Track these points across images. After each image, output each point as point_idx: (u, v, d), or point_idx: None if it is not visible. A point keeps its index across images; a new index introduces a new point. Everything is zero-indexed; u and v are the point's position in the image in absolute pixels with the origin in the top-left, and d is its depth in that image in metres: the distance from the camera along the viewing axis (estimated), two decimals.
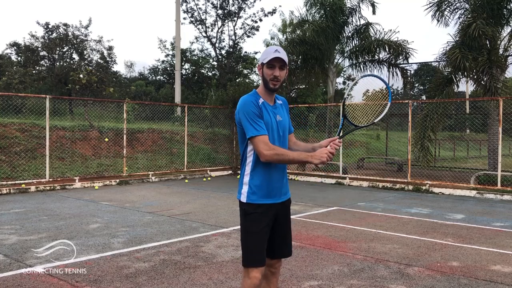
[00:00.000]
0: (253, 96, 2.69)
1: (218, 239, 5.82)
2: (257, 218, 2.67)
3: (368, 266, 4.72)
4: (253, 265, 2.63)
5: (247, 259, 2.66)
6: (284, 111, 2.85)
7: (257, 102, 2.66)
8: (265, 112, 2.66)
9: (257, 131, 2.57)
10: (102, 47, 25.41)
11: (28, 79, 20.04)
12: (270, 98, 2.74)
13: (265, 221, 2.67)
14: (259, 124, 2.59)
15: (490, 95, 11.97)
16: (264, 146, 2.56)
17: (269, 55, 2.62)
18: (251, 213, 2.68)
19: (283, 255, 2.86)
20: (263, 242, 2.67)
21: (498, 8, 12.61)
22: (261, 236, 2.66)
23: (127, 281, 4.19)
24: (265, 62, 2.63)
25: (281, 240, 2.81)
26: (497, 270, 4.65)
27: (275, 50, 2.63)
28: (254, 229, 2.66)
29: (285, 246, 2.84)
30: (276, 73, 2.63)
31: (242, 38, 31.80)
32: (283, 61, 2.62)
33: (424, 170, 13.45)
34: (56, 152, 12.89)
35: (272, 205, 2.70)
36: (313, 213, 8.01)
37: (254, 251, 2.65)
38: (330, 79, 17.04)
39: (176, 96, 25.14)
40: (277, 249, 2.81)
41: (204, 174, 14.81)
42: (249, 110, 2.60)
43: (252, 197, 2.68)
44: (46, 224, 6.66)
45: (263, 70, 2.67)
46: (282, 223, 2.80)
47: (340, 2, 16.10)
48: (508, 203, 9.61)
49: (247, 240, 2.69)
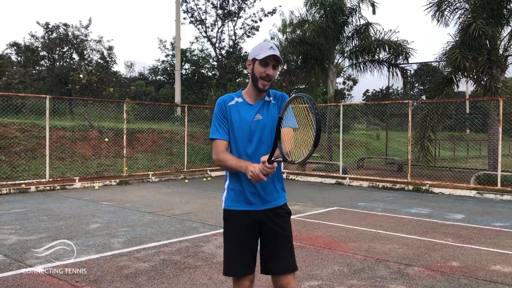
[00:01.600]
0: (229, 96, 2.57)
1: (218, 239, 5.82)
2: (232, 225, 2.53)
3: (368, 266, 4.72)
4: (231, 274, 2.50)
5: (225, 268, 2.52)
6: (273, 108, 2.55)
7: (226, 102, 2.53)
8: (235, 113, 2.51)
9: (213, 133, 2.52)
10: (102, 47, 25.42)
11: (28, 79, 20.04)
12: (254, 96, 2.54)
13: (241, 228, 2.50)
14: (217, 127, 2.51)
15: (490, 95, 11.97)
16: (214, 151, 2.51)
17: (263, 51, 2.42)
18: (227, 219, 2.56)
19: (286, 269, 2.50)
20: (241, 251, 2.48)
21: (498, 8, 12.60)
22: (238, 244, 2.49)
23: (127, 281, 4.18)
24: (258, 58, 2.42)
25: (272, 255, 2.51)
26: (497, 270, 4.64)
27: (270, 47, 2.43)
28: (230, 237, 2.53)
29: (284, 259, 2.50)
30: (269, 71, 2.44)
31: (242, 38, 31.81)
32: (278, 59, 2.43)
33: (424, 170, 13.45)
34: (56, 152, 12.89)
35: (251, 212, 2.50)
36: (313, 213, 8.01)
37: (230, 260, 2.50)
38: (330, 79, 17.03)
39: (176, 96, 25.14)
40: (269, 264, 2.52)
41: (204, 174, 14.81)
42: (214, 112, 2.54)
43: (228, 202, 2.56)
44: (46, 224, 6.65)
45: (254, 66, 2.47)
46: (271, 236, 2.52)
47: (340, 2, 16.09)
48: (508, 203, 9.61)
49: (224, 247, 2.55)
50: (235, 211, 2.53)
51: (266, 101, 2.56)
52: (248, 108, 2.53)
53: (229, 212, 2.55)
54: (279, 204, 2.58)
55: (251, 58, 2.51)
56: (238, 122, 2.50)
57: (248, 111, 2.52)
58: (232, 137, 2.53)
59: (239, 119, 2.51)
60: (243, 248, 2.49)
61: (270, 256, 2.52)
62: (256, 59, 2.45)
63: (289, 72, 17.66)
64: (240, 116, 2.51)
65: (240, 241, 2.50)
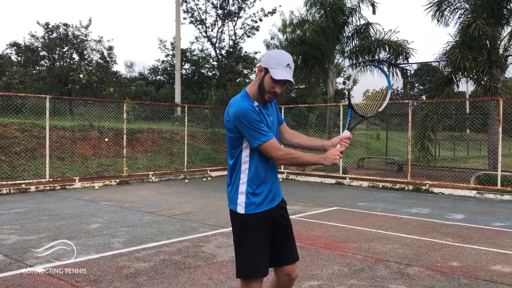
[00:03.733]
0: (248, 102, 2.49)
1: (218, 239, 5.82)
2: (257, 227, 2.53)
3: (368, 266, 4.72)
4: (257, 276, 2.50)
5: (249, 272, 2.50)
6: (273, 107, 2.68)
7: (254, 107, 2.49)
8: (262, 116, 2.53)
9: (265, 136, 2.42)
10: (102, 47, 25.41)
11: (28, 79, 20.04)
12: (261, 100, 2.57)
13: (265, 228, 2.55)
14: (263, 129, 2.44)
15: (490, 95, 11.97)
16: (277, 150, 2.45)
17: (279, 67, 2.39)
18: (250, 224, 2.53)
19: (293, 259, 2.68)
20: (266, 251, 2.54)
21: (498, 8, 12.60)
22: (263, 245, 2.54)
23: (127, 281, 4.19)
24: (273, 76, 2.39)
25: (281, 247, 2.64)
26: (497, 270, 4.65)
27: (287, 64, 2.41)
28: (255, 240, 2.52)
29: (291, 251, 2.67)
30: (278, 89, 2.46)
31: (242, 38, 31.78)
32: (290, 82, 2.46)
33: (424, 170, 13.45)
34: (56, 152, 12.89)
35: (269, 211, 2.58)
36: (313, 213, 8.01)
37: (254, 262, 2.50)
38: (330, 79, 17.04)
39: (176, 96, 25.13)
40: (278, 256, 2.64)
41: (204, 174, 14.81)
42: (251, 119, 2.41)
43: (251, 207, 2.53)
44: (46, 224, 6.66)
45: (265, 77, 2.44)
46: (281, 229, 2.64)
47: (340, 2, 16.10)
48: (508, 203, 9.61)
49: (247, 251, 2.52)
50: (256, 214, 2.53)
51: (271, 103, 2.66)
52: (264, 111, 2.56)
53: (252, 216, 2.53)
54: (282, 196, 2.74)
55: (264, 65, 2.46)
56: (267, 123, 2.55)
57: (266, 114, 2.56)
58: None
59: (265, 121, 2.53)
60: (265, 248, 2.55)
61: (279, 248, 2.62)
62: (269, 71, 2.42)
63: None
64: (265, 118, 2.54)
65: (265, 242, 2.55)
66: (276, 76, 2.39)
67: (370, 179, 12.80)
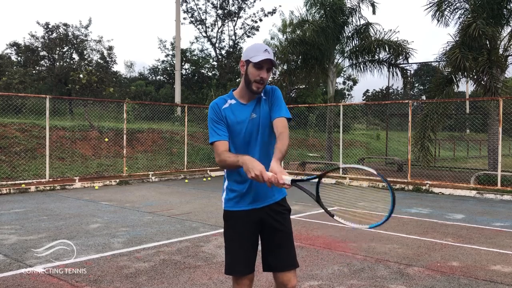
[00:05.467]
0: (221, 99, 2.54)
1: (218, 239, 5.82)
2: (233, 225, 2.53)
3: (368, 266, 4.72)
4: (232, 274, 2.52)
5: (226, 267, 2.55)
6: (264, 104, 2.53)
7: (220, 106, 2.50)
8: (230, 115, 2.49)
9: (212, 137, 2.47)
10: (102, 47, 25.44)
11: (28, 79, 20.04)
12: (248, 96, 2.52)
13: (243, 228, 2.51)
14: (215, 130, 2.47)
15: (490, 95, 11.97)
16: (216, 153, 2.45)
17: (258, 53, 2.40)
18: (227, 220, 2.56)
19: (285, 266, 2.51)
20: (242, 251, 2.50)
21: (498, 8, 12.60)
22: (239, 244, 2.50)
23: (127, 281, 4.18)
24: (253, 61, 2.40)
25: (272, 251, 2.53)
26: (497, 270, 4.64)
27: (265, 49, 2.41)
28: (232, 237, 2.53)
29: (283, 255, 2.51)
30: (263, 74, 2.42)
31: (242, 38, 31.82)
32: (273, 63, 2.43)
33: (424, 170, 13.45)
34: (56, 152, 12.89)
35: (251, 211, 2.51)
36: (313, 213, 8.01)
37: (232, 260, 2.52)
38: (330, 79, 17.04)
39: (176, 96, 25.14)
40: (270, 261, 2.53)
41: (204, 174, 14.81)
42: (209, 117, 2.51)
43: (228, 203, 2.55)
44: (46, 224, 6.66)
45: (248, 68, 2.44)
46: (271, 232, 2.53)
47: (340, 2, 16.10)
48: (508, 203, 9.61)
49: (226, 247, 2.57)
50: (235, 212, 2.53)
51: (258, 97, 2.54)
52: (242, 109, 2.51)
53: (229, 212, 2.55)
54: (277, 200, 2.58)
55: (244, 59, 2.48)
56: (235, 124, 2.49)
57: (243, 112, 2.50)
58: (231, 140, 2.50)
59: (236, 121, 2.49)
60: (244, 247, 2.51)
61: (270, 253, 2.53)
62: (250, 61, 2.42)
63: (289, 72, 17.66)
64: (236, 118, 2.49)
65: (241, 241, 2.51)
66: (256, 60, 2.38)
67: (370, 179, 12.79)
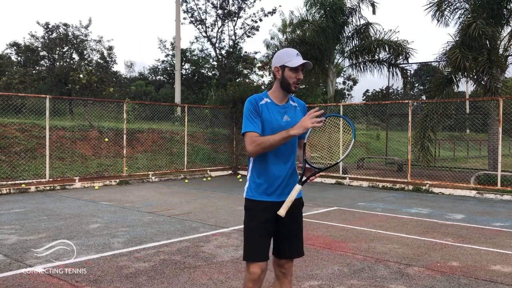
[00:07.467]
0: (258, 96, 2.71)
1: (218, 239, 5.82)
2: (254, 214, 2.70)
3: (368, 266, 4.72)
4: (250, 259, 2.66)
5: (245, 254, 2.70)
6: (298, 113, 2.78)
7: (257, 101, 2.67)
8: (266, 111, 2.66)
9: (247, 127, 2.61)
10: (102, 47, 25.43)
11: (28, 79, 20.04)
12: (281, 98, 2.72)
13: (262, 218, 2.67)
14: (250, 121, 2.61)
15: (490, 95, 11.97)
16: (248, 142, 2.59)
17: (292, 58, 2.61)
18: (249, 209, 2.73)
19: (290, 255, 2.84)
20: (261, 238, 2.67)
21: (498, 8, 12.61)
22: (259, 232, 2.67)
23: (127, 281, 4.19)
24: (290, 65, 2.60)
25: (286, 240, 2.79)
26: (497, 270, 4.65)
27: (297, 54, 2.64)
28: (252, 225, 2.70)
29: (290, 246, 2.81)
30: (300, 76, 2.65)
31: (242, 38, 31.83)
32: (305, 65, 2.64)
33: (424, 170, 13.45)
34: (56, 152, 12.89)
35: (272, 203, 2.69)
36: (313, 213, 8.01)
37: (251, 247, 2.68)
38: (330, 79, 17.05)
39: (176, 96, 25.13)
40: (282, 249, 2.79)
41: (204, 174, 14.81)
42: (246, 108, 2.65)
43: (250, 193, 2.73)
44: (46, 224, 6.66)
45: (285, 72, 2.64)
46: (287, 223, 2.76)
47: (340, 2, 16.11)
48: (508, 203, 9.61)
49: (246, 235, 2.73)
50: (257, 202, 2.70)
51: (292, 105, 2.77)
52: (277, 108, 2.70)
53: (250, 201, 2.73)
54: (299, 196, 2.85)
55: (279, 65, 2.66)
56: (269, 121, 2.65)
57: (278, 111, 2.70)
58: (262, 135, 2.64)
59: (270, 118, 2.66)
60: (261, 235, 2.68)
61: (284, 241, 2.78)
62: (286, 66, 2.62)
63: None
64: (270, 115, 2.66)
65: (260, 230, 2.68)
66: (294, 64, 2.60)
67: (370, 179, 12.79)
